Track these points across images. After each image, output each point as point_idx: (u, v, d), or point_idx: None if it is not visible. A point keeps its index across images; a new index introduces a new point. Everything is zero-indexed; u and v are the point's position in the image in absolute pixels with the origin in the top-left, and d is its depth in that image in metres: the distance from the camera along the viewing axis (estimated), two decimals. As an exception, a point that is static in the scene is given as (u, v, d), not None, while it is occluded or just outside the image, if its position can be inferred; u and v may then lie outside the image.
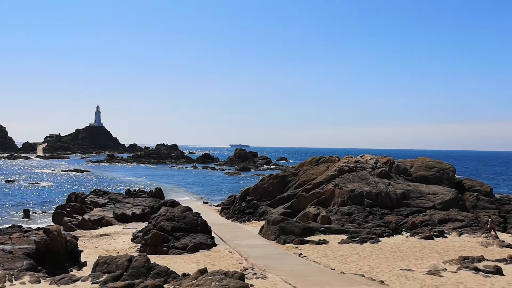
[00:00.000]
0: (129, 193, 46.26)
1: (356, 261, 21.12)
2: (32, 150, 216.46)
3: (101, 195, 42.82)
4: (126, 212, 37.22)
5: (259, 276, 17.34)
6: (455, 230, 28.80)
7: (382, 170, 37.61)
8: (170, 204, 34.98)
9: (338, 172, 37.75)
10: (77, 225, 32.98)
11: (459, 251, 23.04)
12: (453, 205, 32.83)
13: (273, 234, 27.29)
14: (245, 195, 40.88)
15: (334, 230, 28.64)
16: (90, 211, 37.76)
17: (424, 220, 30.38)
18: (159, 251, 24.19)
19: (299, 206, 35.12)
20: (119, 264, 17.01)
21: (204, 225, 27.19)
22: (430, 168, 38.96)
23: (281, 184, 40.33)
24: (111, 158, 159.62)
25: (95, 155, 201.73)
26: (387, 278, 17.51)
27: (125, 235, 30.35)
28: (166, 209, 28.63)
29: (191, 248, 24.26)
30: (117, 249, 25.55)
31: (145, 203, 40.02)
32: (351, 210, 32.26)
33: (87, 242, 28.36)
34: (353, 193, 34.00)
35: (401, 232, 29.36)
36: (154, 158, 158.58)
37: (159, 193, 45.52)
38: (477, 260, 19.99)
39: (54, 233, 19.63)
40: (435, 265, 18.82)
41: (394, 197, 33.78)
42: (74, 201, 40.89)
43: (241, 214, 38.11)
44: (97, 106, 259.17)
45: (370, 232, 27.88)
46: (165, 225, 25.96)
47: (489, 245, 24.80)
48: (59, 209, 38.08)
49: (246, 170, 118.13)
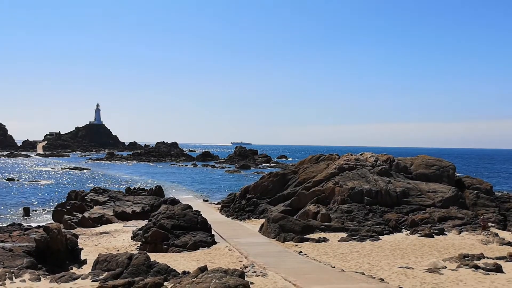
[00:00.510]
0: (129, 191, 46.30)
1: (356, 259, 21.13)
2: (32, 148, 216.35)
3: (101, 193, 42.83)
4: (126, 210, 37.26)
5: (259, 274, 17.35)
6: (455, 227, 28.82)
7: (382, 168, 37.62)
8: (170, 202, 35.02)
9: (338, 170, 37.76)
10: (77, 223, 33.02)
11: (459, 249, 23.06)
12: (453, 203, 32.86)
13: (273, 232, 27.32)
14: (245, 193, 40.89)
15: (334, 228, 28.69)
16: (90, 209, 37.80)
17: (424, 218, 30.39)
18: (159, 249, 24.22)
19: (299, 204, 35.14)
20: (119, 262, 17.03)
21: (204, 223, 27.21)
22: (430, 166, 38.95)
23: (281, 182, 40.33)
24: (111, 156, 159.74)
25: (95, 153, 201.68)
26: (387, 275, 17.53)
27: (125, 233, 30.39)
28: (166, 207, 28.64)
29: (191, 246, 24.28)
30: (117, 247, 25.58)
31: (145, 201, 40.06)
32: (351, 208, 32.27)
33: (87, 240, 28.40)
34: (353, 191, 34.00)
35: (401, 230, 29.38)
36: (154, 156, 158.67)
37: (159, 191, 45.55)
38: (477, 258, 20.00)
39: (54, 231, 19.65)
40: (435, 263, 18.82)
41: (394, 195, 33.79)
42: (74, 199, 40.90)
43: (241, 212, 38.13)
44: (97, 104, 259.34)
45: (370, 230, 27.91)
46: (165, 223, 25.98)
47: (489, 243, 24.82)
48: (59, 207, 38.15)
49: (246, 168, 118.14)
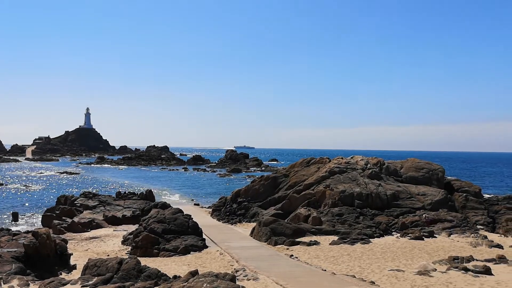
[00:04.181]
0: (119, 195, 46.01)
1: (347, 262, 21.18)
2: (21, 152, 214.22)
3: (91, 197, 42.49)
4: (116, 215, 36.99)
5: (250, 277, 17.33)
6: (445, 230, 29.03)
7: (373, 171, 37.80)
8: (161, 206, 34.85)
9: (329, 173, 37.89)
10: (66, 228, 32.72)
11: (449, 251, 23.21)
12: (442, 205, 33.10)
13: (264, 236, 27.30)
14: (236, 197, 40.85)
15: (325, 231, 28.73)
16: (80, 213, 37.48)
17: (414, 221, 30.57)
18: (150, 254, 24.09)
19: (290, 207, 35.18)
20: (109, 267, 16.90)
21: (195, 227, 27.12)
22: (419, 169, 39.23)
23: (272, 186, 40.36)
24: (101, 160, 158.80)
25: (85, 158, 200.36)
26: (378, 278, 17.59)
27: (115, 237, 30.17)
28: (156, 211, 28.49)
29: (182, 250, 24.18)
30: (107, 252, 25.39)
31: (136, 205, 39.81)
32: (341, 211, 32.37)
33: (76, 245, 28.16)
34: (344, 194, 34.12)
35: (392, 233, 29.52)
36: (145, 160, 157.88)
37: (150, 195, 45.33)
38: (467, 260, 20.14)
39: (43, 236, 19.46)
40: (425, 265, 18.93)
41: (385, 198, 33.96)
42: (63, 204, 40.52)
43: (232, 216, 38.07)
44: (87, 108, 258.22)
45: (360, 233, 27.99)
46: (156, 227, 25.85)
47: (478, 245, 25.03)
48: (48, 211, 37.75)
49: (237, 171, 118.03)
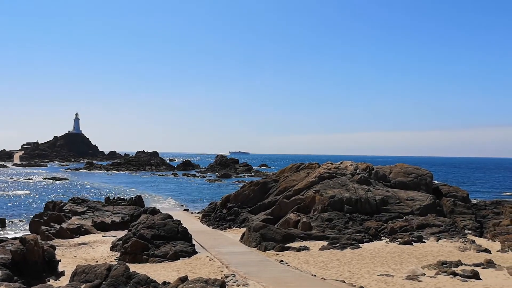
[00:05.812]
0: (108, 201, 45.70)
1: (336, 267, 21.25)
2: (8, 158, 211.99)
3: (79, 203, 42.16)
4: (105, 220, 36.72)
5: (240, 283, 17.31)
6: (433, 235, 29.24)
7: (362, 176, 38.01)
8: (150, 211, 34.65)
9: (319, 178, 38.01)
10: (54, 234, 32.38)
11: (437, 256, 23.40)
12: (430, 210, 33.37)
13: (254, 241, 27.28)
14: (226, 202, 40.78)
15: (314, 237, 28.80)
16: (68, 219, 37.15)
17: (402, 226, 30.77)
18: (139, 260, 23.93)
19: (280, 212, 35.20)
20: (98, 273, 16.78)
21: (184, 233, 27.02)
22: (408, 174, 39.54)
23: (262, 191, 40.36)
24: (90, 166, 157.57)
25: (74, 163, 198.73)
26: (367, 283, 17.68)
27: (104, 243, 29.93)
28: (146, 217, 28.34)
29: (171, 256, 24.07)
30: (96, 258, 25.17)
31: (125, 211, 39.56)
32: (331, 216, 32.47)
33: (65, 251, 27.88)
34: (333, 199, 34.25)
35: (381, 238, 29.67)
36: (134, 166, 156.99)
37: (139, 200, 45.07)
38: (455, 265, 20.34)
39: (31, 243, 19.27)
40: (414, 270, 19.08)
41: (374, 203, 34.15)
42: (51, 210, 40.13)
43: (222, 221, 37.98)
44: (76, 113, 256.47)
45: (350, 238, 28.11)
46: (145, 233, 25.71)
47: (466, 250, 25.26)
48: (36, 217, 37.32)
49: (227, 177, 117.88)
